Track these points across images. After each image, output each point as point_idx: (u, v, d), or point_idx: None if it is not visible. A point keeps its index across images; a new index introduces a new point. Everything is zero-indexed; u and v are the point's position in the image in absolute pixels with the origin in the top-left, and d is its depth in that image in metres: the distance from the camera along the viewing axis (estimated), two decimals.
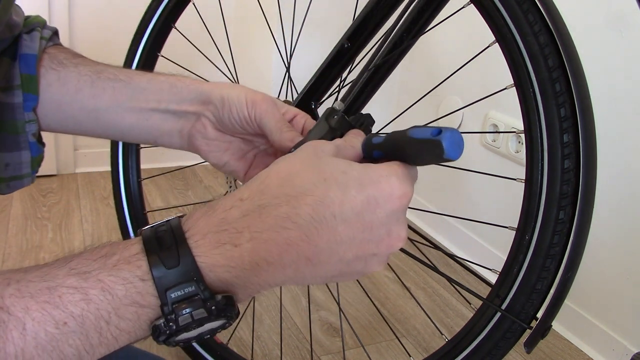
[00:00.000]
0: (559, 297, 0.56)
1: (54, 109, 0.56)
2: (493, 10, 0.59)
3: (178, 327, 0.32)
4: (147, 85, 0.55)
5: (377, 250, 0.36)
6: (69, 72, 0.56)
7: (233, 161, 0.57)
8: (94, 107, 0.55)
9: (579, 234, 0.55)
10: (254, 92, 0.53)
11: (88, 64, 0.57)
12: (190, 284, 0.32)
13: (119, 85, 0.55)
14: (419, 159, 0.37)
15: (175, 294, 0.32)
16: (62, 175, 1.87)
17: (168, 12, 0.94)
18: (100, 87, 0.55)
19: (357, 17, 0.73)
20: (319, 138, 0.47)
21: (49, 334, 0.31)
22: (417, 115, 1.55)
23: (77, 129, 0.58)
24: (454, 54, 1.53)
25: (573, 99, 0.55)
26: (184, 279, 0.32)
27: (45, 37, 0.57)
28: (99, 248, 0.34)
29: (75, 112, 0.56)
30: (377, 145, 0.39)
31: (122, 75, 0.56)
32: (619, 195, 1.12)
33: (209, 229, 0.34)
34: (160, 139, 0.58)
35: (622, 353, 1.12)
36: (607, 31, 1.11)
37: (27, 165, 0.56)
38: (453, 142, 0.33)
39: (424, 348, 1.17)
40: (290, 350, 1.13)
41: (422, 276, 1.44)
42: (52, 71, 0.55)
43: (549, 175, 0.57)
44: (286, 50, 0.88)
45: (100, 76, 0.56)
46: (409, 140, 0.36)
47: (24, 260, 1.34)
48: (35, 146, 0.56)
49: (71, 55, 0.58)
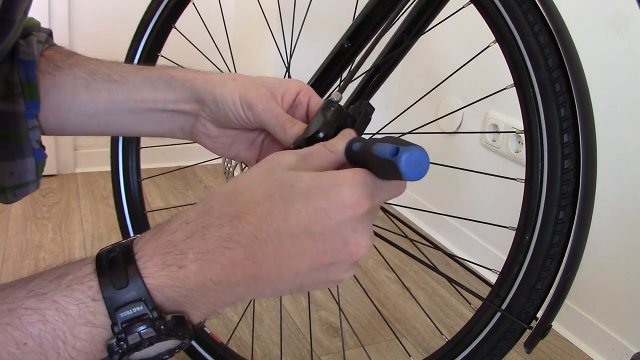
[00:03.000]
0: (559, 297, 0.56)
1: (53, 114, 0.55)
2: (493, 10, 0.59)
3: (128, 346, 0.33)
4: (142, 84, 0.55)
5: (336, 260, 0.35)
6: (64, 76, 0.55)
7: (243, 152, 0.56)
8: (93, 111, 0.55)
9: (579, 234, 0.55)
10: (247, 89, 0.51)
11: (82, 64, 0.56)
12: (138, 304, 0.33)
13: (114, 87, 0.55)
14: (383, 175, 0.35)
15: (125, 313, 0.33)
16: (62, 175, 1.87)
17: (168, 12, 0.94)
18: (95, 89, 0.55)
19: (357, 17, 0.73)
20: (314, 132, 0.46)
21: (11, 354, 0.32)
22: (417, 115, 1.55)
23: (79, 131, 0.58)
24: (454, 54, 1.53)
25: (573, 99, 0.55)
26: (133, 299, 0.33)
27: (41, 40, 0.57)
28: (56, 268, 0.35)
29: (74, 116, 0.56)
30: (355, 152, 0.38)
31: (116, 76, 0.55)
32: (619, 196, 1.12)
33: (155, 251, 0.34)
34: (165, 134, 0.57)
35: (622, 353, 1.12)
36: (607, 31, 1.11)
37: (31, 172, 0.55)
38: (411, 163, 0.31)
39: (424, 348, 1.17)
40: (290, 350, 1.13)
41: (422, 276, 1.44)
42: (48, 76, 0.55)
43: (549, 175, 0.57)
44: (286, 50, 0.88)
45: (95, 77, 0.55)
46: (371, 156, 0.34)
47: (24, 260, 1.34)
48: (39, 152, 0.56)
49: (66, 56, 0.57)
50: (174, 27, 0.96)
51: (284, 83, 0.53)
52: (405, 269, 1.47)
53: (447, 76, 0.76)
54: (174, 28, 0.96)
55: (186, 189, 1.87)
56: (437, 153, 1.66)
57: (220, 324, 1.17)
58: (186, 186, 1.88)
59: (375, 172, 0.36)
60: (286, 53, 0.87)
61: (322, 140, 0.44)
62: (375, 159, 0.34)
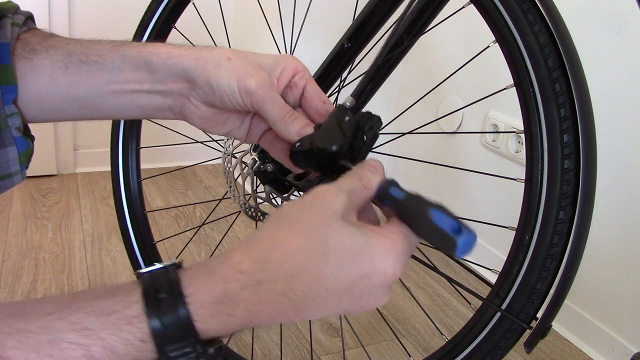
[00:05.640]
0: (559, 297, 0.56)
1: (34, 101, 0.52)
2: (493, 10, 0.59)
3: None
4: (122, 64, 0.51)
5: (360, 309, 0.38)
6: (41, 60, 0.51)
7: (235, 130, 0.54)
8: (74, 96, 0.52)
9: (579, 234, 0.55)
10: (245, 74, 0.47)
11: (59, 45, 0.52)
12: (187, 345, 0.35)
13: (93, 69, 0.51)
14: (427, 238, 0.38)
15: (173, 353, 0.34)
16: (62, 175, 1.87)
17: (168, 12, 0.94)
18: (74, 72, 0.51)
19: (357, 17, 0.73)
20: (329, 143, 0.45)
21: None
22: (417, 115, 1.55)
23: (66, 117, 0.54)
24: (454, 54, 1.53)
25: (573, 99, 0.55)
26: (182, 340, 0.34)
27: (17, 22, 0.53)
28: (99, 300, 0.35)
29: (56, 102, 0.52)
30: (392, 199, 0.39)
31: (93, 56, 0.51)
32: (619, 195, 1.12)
33: (209, 299, 0.36)
34: (153, 115, 0.54)
35: (622, 353, 1.12)
36: (607, 31, 1.11)
37: (14, 162, 0.52)
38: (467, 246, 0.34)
39: (424, 348, 1.17)
40: (290, 350, 1.13)
41: (422, 276, 1.44)
42: (24, 60, 0.51)
43: (549, 175, 0.57)
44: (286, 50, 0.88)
45: (72, 59, 0.51)
46: (427, 221, 0.37)
47: (24, 260, 1.34)
48: (22, 140, 0.52)
49: (42, 38, 0.53)
50: (173, 27, 0.96)
51: (281, 63, 0.50)
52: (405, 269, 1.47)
53: (447, 76, 0.76)
54: (174, 28, 0.96)
55: (186, 189, 1.87)
56: (437, 153, 1.66)
57: None
58: (186, 186, 1.88)
59: (416, 232, 0.38)
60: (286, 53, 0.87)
61: (335, 154, 0.44)
62: (432, 226, 0.36)
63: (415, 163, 1.71)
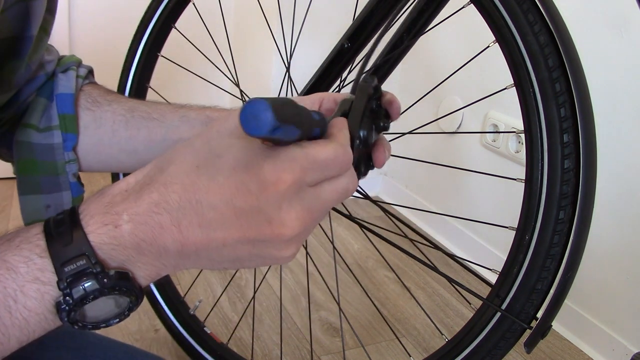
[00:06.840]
0: (559, 297, 0.56)
1: (93, 151, 0.57)
2: (493, 10, 0.59)
3: (74, 300, 0.34)
4: (180, 123, 0.56)
5: (263, 237, 0.34)
6: (104, 112, 0.57)
7: None
8: (132, 149, 0.57)
9: (579, 234, 0.55)
10: None
11: (121, 101, 0.58)
12: (82, 259, 0.34)
13: (153, 125, 0.56)
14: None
15: (69, 267, 0.34)
16: None
17: (168, 12, 0.94)
18: (135, 126, 0.56)
19: (357, 17, 0.73)
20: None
21: None
22: (417, 115, 1.55)
23: (121, 167, 0.59)
24: (454, 54, 1.53)
25: (573, 99, 0.55)
26: (77, 254, 0.34)
27: (81, 75, 0.58)
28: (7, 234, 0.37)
29: (114, 153, 0.57)
30: None
31: (155, 114, 0.57)
32: (619, 195, 1.12)
33: (96, 211, 0.36)
34: None
35: (622, 353, 1.12)
36: (607, 31, 1.11)
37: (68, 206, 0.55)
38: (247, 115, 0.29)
39: (424, 348, 1.17)
40: (290, 350, 1.13)
41: (422, 276, 1.44)
42: (88, 112, 0.56)
43: (549, 175, 0.57)
44: (286, 50, 0.88)
45: (134, 115, 0.56)
46: None
47: None
48: (76, 186, 0.57)
49: (105, 92, 0.58)
50: (173, 27, 0.96)
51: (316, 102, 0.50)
52: (405, 269, 1.47)
53: (447, 76, 0.76)
54: (174, 28, 0.96)
55: None
56: (437, 153, 1.66)
57: (220, 324, 1.18)
58: None
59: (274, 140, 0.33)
60: (286, 53, 0.87)
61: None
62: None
63: (415, 163, 1.71)
